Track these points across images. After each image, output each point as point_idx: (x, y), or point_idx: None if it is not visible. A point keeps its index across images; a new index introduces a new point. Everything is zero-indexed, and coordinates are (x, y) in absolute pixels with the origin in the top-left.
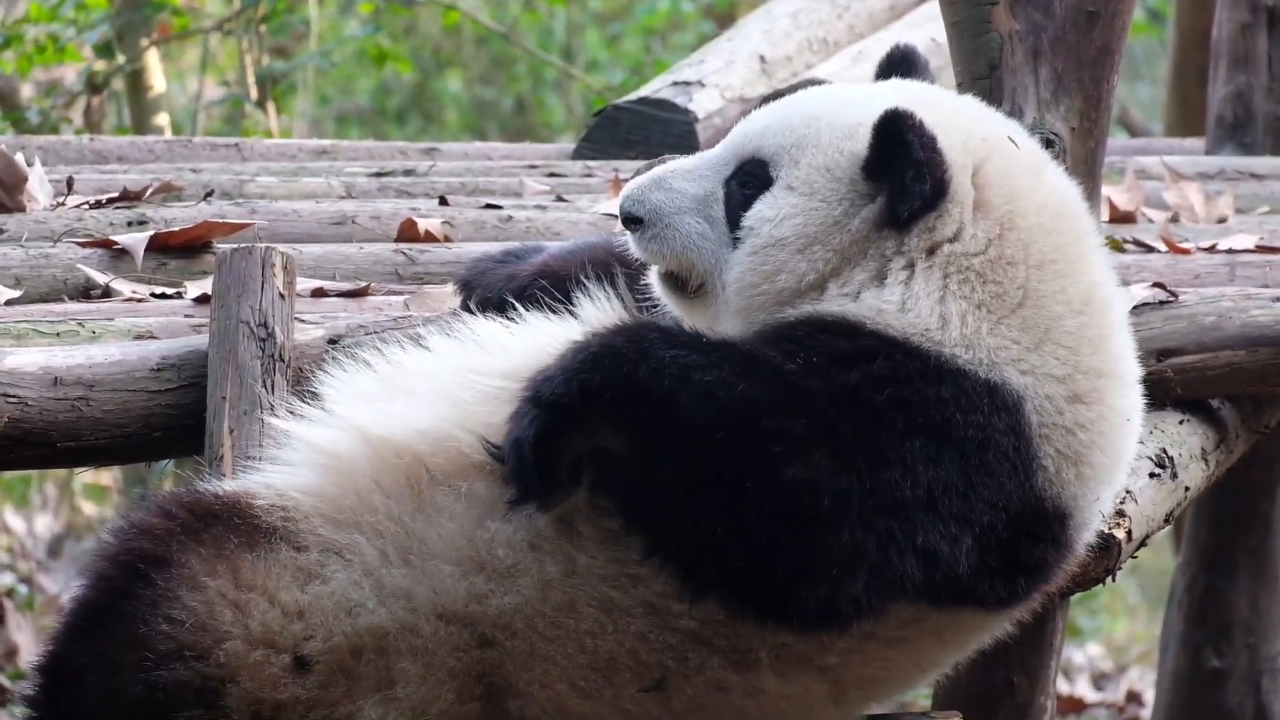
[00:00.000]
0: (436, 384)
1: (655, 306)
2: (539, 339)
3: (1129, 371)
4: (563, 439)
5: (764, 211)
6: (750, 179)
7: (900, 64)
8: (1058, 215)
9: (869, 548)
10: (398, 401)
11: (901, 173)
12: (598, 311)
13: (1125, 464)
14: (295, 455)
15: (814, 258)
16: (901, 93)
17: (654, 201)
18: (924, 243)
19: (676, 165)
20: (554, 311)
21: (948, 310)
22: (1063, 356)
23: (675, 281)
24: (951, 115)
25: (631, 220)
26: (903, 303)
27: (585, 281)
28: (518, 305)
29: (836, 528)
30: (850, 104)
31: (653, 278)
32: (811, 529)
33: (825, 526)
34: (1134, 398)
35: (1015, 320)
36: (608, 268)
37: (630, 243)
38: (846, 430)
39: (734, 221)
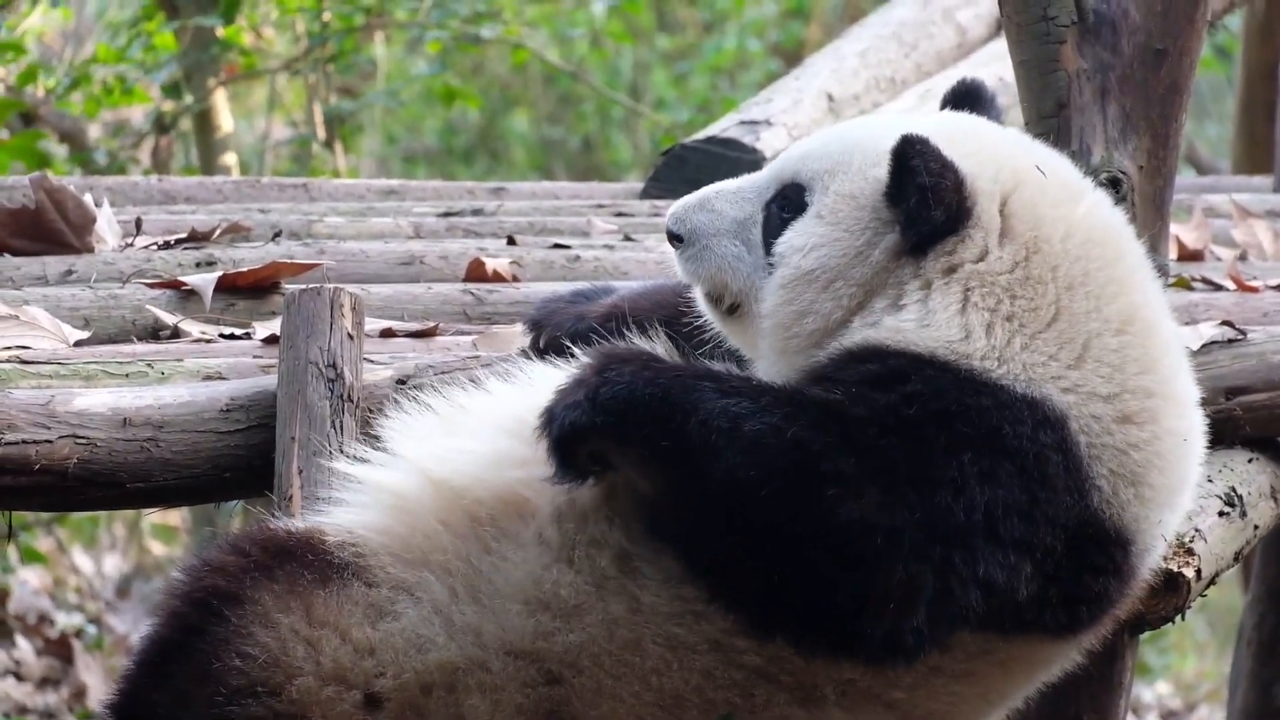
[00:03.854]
0: (492, 426)
1: (717, 347)
2: None
3: (1183, 393)
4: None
5: (793, 240)
6: (788, 203)
7: (966, 97)
8: (1086, 243)
9: (925, 579)
10: (455, 444)
11: (908, 198)
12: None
13: (1188, 487)
14: (361, 496)
15: (838, 293)
16: (940, 123)
17: (694, 222)
18: (941, 264)
19: (723, 186)
20: None
21: (969, 321)
22: (1106, 374)
23: (713, 300)
24: (988, 146)
25: (674, 238)
26: (919, 319)
27: (655, 324)
28: (586, 346)
29: (891, 562)
30: (888, 132)
31: (697, 295)
32: (868, 566)
33: (880, 562)
34: (1191, 419)
35: (1050, 335)
36: (676, 310)
37: (673, 260)
38: (897, 459)
39: (769, 245)
